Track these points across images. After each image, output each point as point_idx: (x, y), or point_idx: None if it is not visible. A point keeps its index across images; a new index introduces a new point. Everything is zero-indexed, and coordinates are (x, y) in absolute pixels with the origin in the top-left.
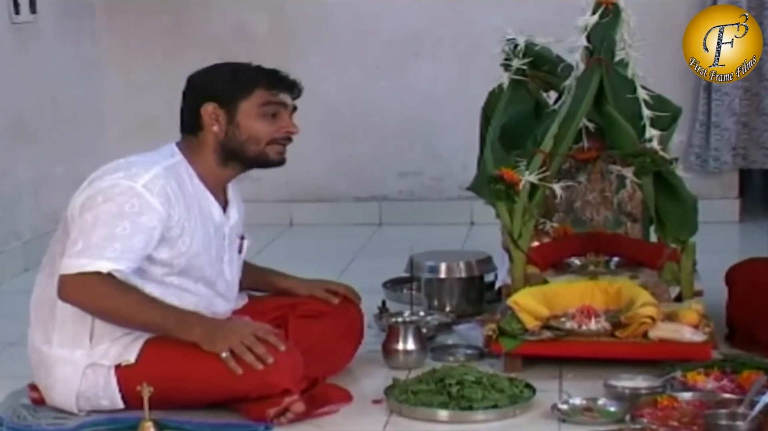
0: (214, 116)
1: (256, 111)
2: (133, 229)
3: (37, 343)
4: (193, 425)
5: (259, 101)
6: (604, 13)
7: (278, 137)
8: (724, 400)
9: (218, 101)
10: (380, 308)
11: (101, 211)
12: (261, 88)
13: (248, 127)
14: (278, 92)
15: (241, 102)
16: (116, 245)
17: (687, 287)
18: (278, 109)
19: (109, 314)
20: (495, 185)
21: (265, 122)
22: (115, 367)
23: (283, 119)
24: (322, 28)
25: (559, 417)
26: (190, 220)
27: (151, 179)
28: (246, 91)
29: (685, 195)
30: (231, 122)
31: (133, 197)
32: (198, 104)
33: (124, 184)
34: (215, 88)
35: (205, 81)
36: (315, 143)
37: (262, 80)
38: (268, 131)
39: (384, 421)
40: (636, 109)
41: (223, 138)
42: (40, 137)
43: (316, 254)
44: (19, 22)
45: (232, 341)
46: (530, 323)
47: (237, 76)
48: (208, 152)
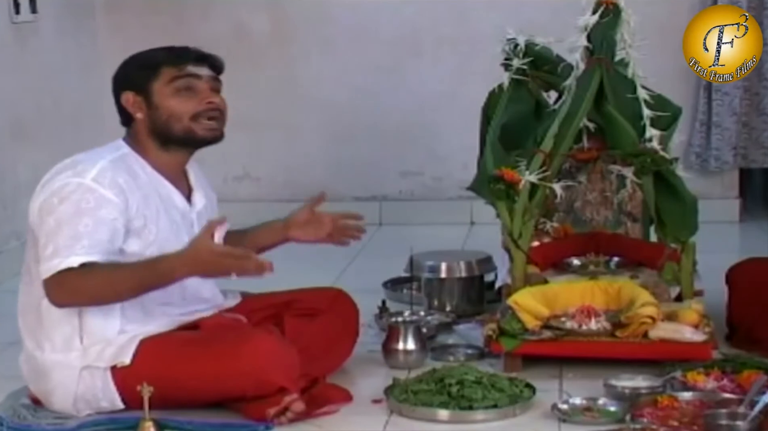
0: (135, 103)
1: (168, 89)
2: (95, 223)
3: (31, 350)
4: (193, 425)
5: (168, 78)
6: (605, 12)
7: (200, 111)
8: (724, 400)
9: (133, 89)
10: (380, 308)
11: (60, 212)
12: (166, 65)
13: (166, 106)
14: (184, 66)
15: (153, 83)
16: (83, 241)
17: (687, 287)
18: (191, 82)
19: (97, 299)
20: (495, 184)
21: (180, 98)
22: (111, 368)
23: (200, 91)
24: (323, 28)
25: (559, 416)
26: (150, 208)
27: (99, 173)
28: (153, 71)
29: (686, 195)
30: (150, 106)
31: (86, 193)
32: (118, 96)
33: (74, 182)
34: (128, 77)
35: (120, 73)
36: (315, 143)
37: (166, 58)
38: (186, 106)
39: (384, 421)
40: (636, 109)
41: (149, 123)
42: (40, 137)
43: (316, 253)
44: (20, 21)
45: (223, 265)
46: (530, 323)
47: (143, 60)
48: (146, 140)
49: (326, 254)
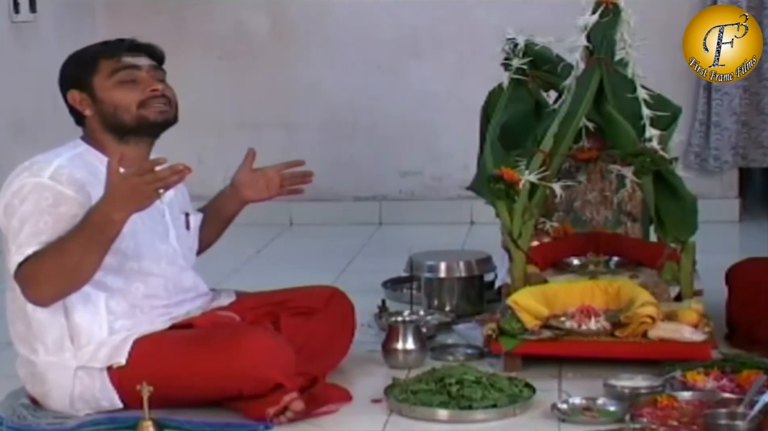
0: (81, 101)
1: (109, 82)
2: (54, 220)
3: (26, 356)
4: (193, 424)
5: (108, 71)
6: (604, 12)
7: (145, 98)
8: (723, 400)
9: (77, 87)
10: (380, 308)
11: (21, 213)
12: (103, 58)
13: (110, 99)
14: (120, 57)
15: (93, 78)
16: (42, 237)
17: (687, 286)
18: (131, 73)
19: (64, 277)
20: (495, 184)
21: (123, 89)
22: (108, 369)
23: (141, 80)
24: (323, 27)
25: (559, 416)
26: None
27: (56, 170)
28: (91, 66)
29: (685, 195)
30: (95, 101)
31: (44, 191)
32: (64, 95)
33: (31, 181)
34: (69, 76)
35: (62, 73)
36: (315, 143)
37: (101, 51)
38: (130, 97)
39: (384, 421)
40: (636, 108)
41: (100, 118)
42: (40, 137)
43: (316, 253)
44: (19, 21)
45: (144, 186)
46: (530, 322)
47: (80, 57)
48: (102, 135)
49: (326, 254)
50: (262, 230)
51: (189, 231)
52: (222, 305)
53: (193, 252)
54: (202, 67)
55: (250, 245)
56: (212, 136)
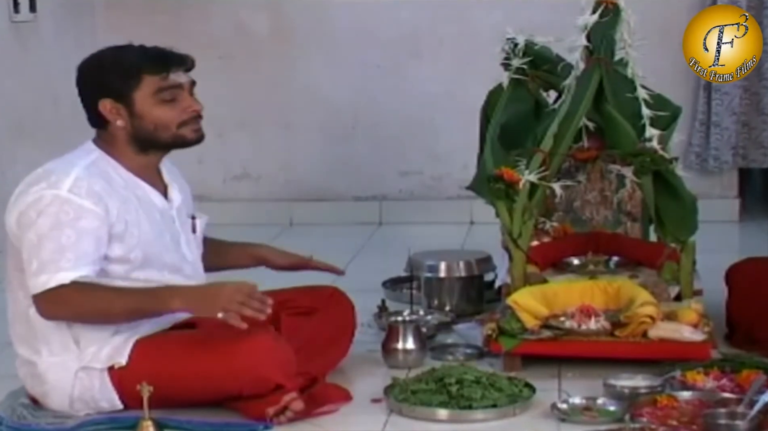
0: (114, 110)
1: (153, 100)
2: (77, 235)
3: (26, 356)
4: (193, 424)
5: (152, 89)
6: (604, 12)
7: (186, 119)
8: (723, 399)
9: (112, 96)
10: (380, 308)
11: (39, 226)
12: (148, 74)
13: (151, 116)
14: (167, 74)
15: (134, 92)
16: (68, 254)
17: (687, 286)
18: (175, 92)
19: (89, 317)
20: (495, 184)
21: (166, 107)
22: (108, 369)
23: (183, 99)
24: (323, 27)
25: (559, 416)
26: (129, 212)
27: (74, 182)
28: (135, 81)
29: (685, 195)
30: (133, 115)
31: (63, 205)
32: (94, 102)
33: (49, 194)
34: (105, 84)
35: (94, 77)
36: (315, 143)
37: (147, 66)
38: (172, 115)
39: (383, 420)
40: (636, 108)
41: (132, 130)
42: (40, 136)
43: (316, 253)
44: (19, 21)
45: (223, 302)
46: (530, 322)
47: (122, 67)
48: (124, 144)
49: (326, 254)
50: (262, 230)
51: (195, 235)
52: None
53: (198, 257)
54: (201, 67)
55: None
56: (212, 136)
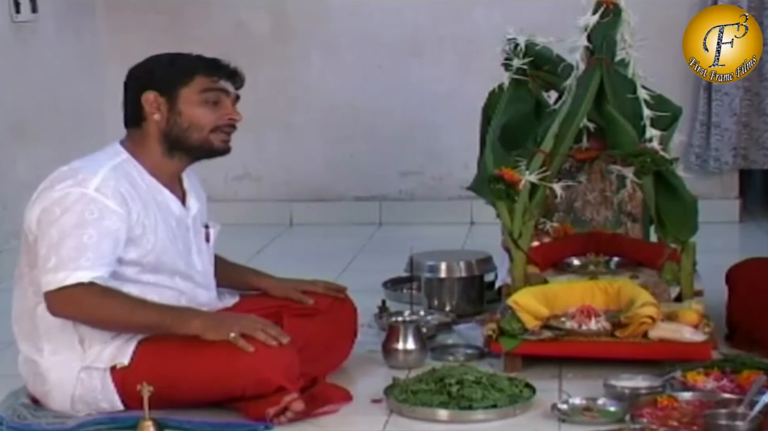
0: (156, 104)
1: (197, 98)
2: (99, 235)
3: (29, 354)
4: (193, 424)
5: (200, 88)
6: (605, 12)
7: (221, 125)
8: (723, 400)
9: (159, 89)
10: (380, 308)
11: (62, 223)
12: (201, 74)
13: (190, 114)
14: (218, 79)
15: (182, 89)
16: (88, 253)
17: (687, 287)
18: (220, 96)
19: (103, 322)
20: (495, 184)
21: (206, 108)
22: (111, 369)
23: (225, 106)
24: (323, 27)
25: (559, 416)
26: (149, 216)
27: (102, 182)
28: (186, 77)
29: (686, 195)
30: (172, 110)
31: (89, 204)
32: (139, 94)
33: (76, 192)
34: (155, 77)
35: (145, 71)
36: (315, 143)
37: (202, 67)
38: (210, 118)
39: (384, 421)
40: (636, 109)
41: (165, 127)
42: (40, 136)
43: (316, 253)
44: (20, 21)
45: (239, 327)
46: (530, 322)
47: (177, 64)
48: (153, 144)
49: (326, 254)
50: (262, 230)
51: (209, 244)
52: (226, 306)
53: (210, 266)
54: None
55: (250, 245)
56: None
